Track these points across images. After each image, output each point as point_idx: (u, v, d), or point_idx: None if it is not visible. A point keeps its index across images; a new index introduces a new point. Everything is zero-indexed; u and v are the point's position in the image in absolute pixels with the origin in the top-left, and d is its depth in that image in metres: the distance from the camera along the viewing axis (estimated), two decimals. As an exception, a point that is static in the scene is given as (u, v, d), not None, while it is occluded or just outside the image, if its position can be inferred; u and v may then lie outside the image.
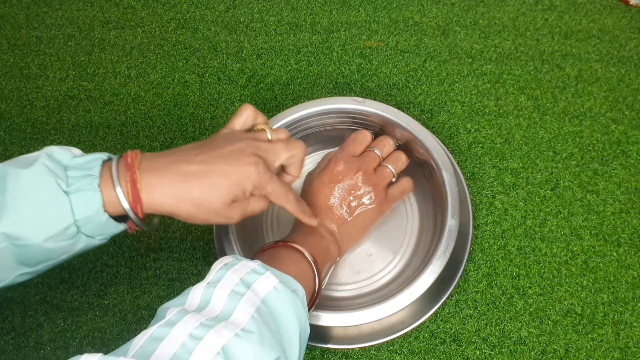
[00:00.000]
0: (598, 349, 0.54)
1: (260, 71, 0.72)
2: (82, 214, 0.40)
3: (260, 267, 0.40)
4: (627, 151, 0.63)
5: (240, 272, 0.39)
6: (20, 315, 0.60)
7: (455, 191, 0.54)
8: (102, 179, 0.41)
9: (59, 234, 0.40)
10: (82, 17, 0.78)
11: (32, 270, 0.42)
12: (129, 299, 0.60)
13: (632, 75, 0.68)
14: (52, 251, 0.41)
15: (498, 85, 0.68)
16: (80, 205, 0.40)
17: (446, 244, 0.52)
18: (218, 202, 0.43)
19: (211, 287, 0.38)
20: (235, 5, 0.78)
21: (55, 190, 0.39)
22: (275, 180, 0.45)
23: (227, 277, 0.38)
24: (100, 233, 0.42)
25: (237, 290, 0.37)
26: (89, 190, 0.40)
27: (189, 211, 0.42)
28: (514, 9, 0.74)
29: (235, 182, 0.43)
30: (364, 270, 0.58)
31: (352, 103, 0.58)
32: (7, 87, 0.74)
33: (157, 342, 0.32)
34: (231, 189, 0.43)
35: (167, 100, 0.71)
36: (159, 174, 0.42)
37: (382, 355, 0.55)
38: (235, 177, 0.43)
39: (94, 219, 0.40)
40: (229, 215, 0.44)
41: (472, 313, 0.56)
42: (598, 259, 0.58)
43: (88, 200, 0.40)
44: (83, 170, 0.41)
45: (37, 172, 0.39)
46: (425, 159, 0.57)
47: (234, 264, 0.40)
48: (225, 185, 0.42)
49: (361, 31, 0.74)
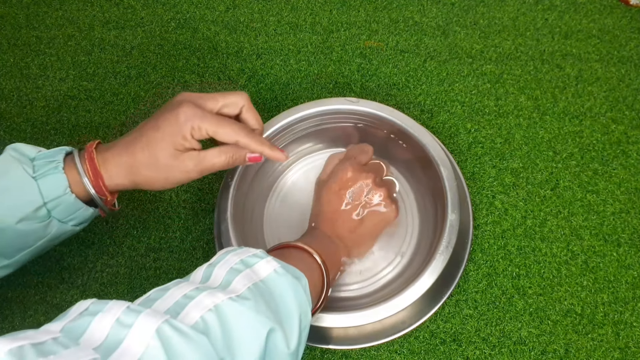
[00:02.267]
0: (598, 349, 0.54)
1: (260, 71, 0.72)
2: (50, 195, 0.43)
3: (262, 253, 0.41)
4: (627, 151, 0.63)
5: (242, 255, 0.39)
6: (20, 315, 0.60)
7: (454, 186, 0.54)
8: (66, 164, 0.44)
9: (30, 215, 0.42)
10: (82, 17, 0.78)
11: (11, 262, 0.44)
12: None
13: (632, 75, 0.68)
14: (26, 235, 0.43)
15: (498, 85, 0.68)
16: (47, 187, 0.43)
17: (448, 239, 0.52)
18: (162, 154, 0.44)
19: (212, 266, 0.38)
20: (235, 5, 0.77)
21: (22, 175, 0.42)
22: (209, 116, 0.45)
23: (228, 257, 0.39)
24: (71, 216, 0.45)
25: (236, 267, 0.38)
26: (54, 174, 0.43)
27: (145, 175, 0.45)
28: (514, 9, 0.74)
29: (169, 130, 0.44)
30: (366, 270, 0.58)
31: (346, 103, 0.58)
32: (7, 87, 0.74)
33: (151, 301, 0.33)
34: (167, 138, 0.44)
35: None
36: (111, 149, 0.46)
37: (382, 355, 0.55)
38: (166, 124, 0.44)
39: (62, 200, 0.43)
40: (183, 167, 0.45)
41: (472, 313, 0.56)
42: (598, 259, 0.58)
43: (54, 182, 0.43)
44: (48, 159, 0.44)
45: (3, 160, 0.43)
46: (422, 156, 0.57)
47: (236, 250, 0.41)
48: (160, 135, 0.44)
49: (361, 31, 0.74)
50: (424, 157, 0.56)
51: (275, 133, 0.58)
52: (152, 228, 0.63)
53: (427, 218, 0.60)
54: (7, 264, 0.44)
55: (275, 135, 0.58)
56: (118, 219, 0.64)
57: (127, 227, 0.63)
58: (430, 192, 0.60)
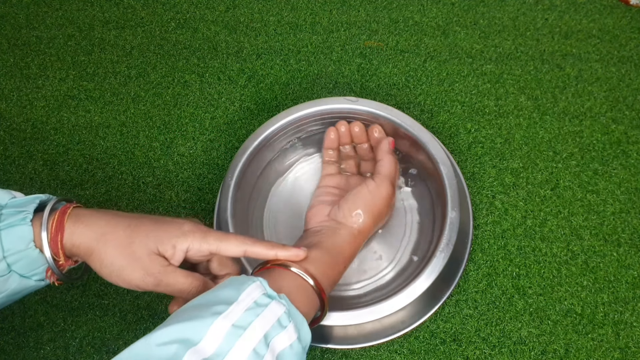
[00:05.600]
0: (598, 349, 0.54)
1: (260, 71, 0.72)
2: (12, 249, 0.39)
3: (286, 315, 0.38)
4: (627, 151, 0.63)
5: (267, 324, 0.36)
6: (20, 315, 0.60)
7: (453, 183, 0.54)
8: (36, 216, 0.41)
9: None
10: (82, 17, 0.78)
11: None
12: (129, 299, 0.60)
13: (632, 75, 0.68)
14: None
15: (498, 85, 0.68)
16: (10, 240, 0.39)
17: (449, 236, 0.51)
18: (140, 241, 0.41)
19: (235, 335, 0.35)
20: (235, 5, 0.78)
21: None
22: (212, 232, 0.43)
23: (254, 326, 0.36)
24: (34, 271, 0.41)
25: (258, 351, 0.35)
26: (20, 225, 0.40)
27: (108, 253, 0.41)
28: (514, 9, 0.74)
29: (166, 230, 0.42)
30: (370, 269, 0.58)
31: (345, 102, 0.58)
32: (7, 87, 0.74)
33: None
34: (159, 234, 0.42)
35: (167, 100, 0.71)
36: (93, 211, 0.42)
37: (382, 355, 0.55)
38: (167, 225, 0.42)
39: (25, 254, 0.40)
40: (148, 266, 0.41)
41: (472, 313, 0.56)
42: (598, 258, 0.58)
43: (18, 234, 0.40)
44: (18, 208, 0.41)
45: None
46: (422, 155, 0.56)
47: (262, 308, 0.37)
48: (152, 229, 0.42)
49: (361, 31, 0.74)
50: (423, 156, 0.56)
51: (274, 133, 0.58)
52: (152, 228, 0.63)
53: (427, 217, 0.60)
54: None
55: (275, 135, 0.58)
56: (118, 219, 0.64)
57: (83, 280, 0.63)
58: (430, 191, 0.60)
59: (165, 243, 0.42)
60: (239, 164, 0.56)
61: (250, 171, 0.58)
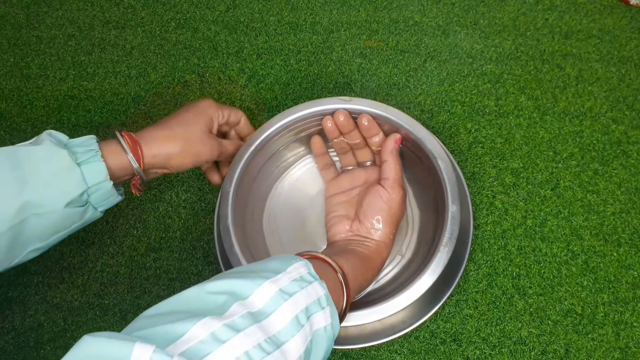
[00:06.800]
0: (598, 349, 0.54)
1: (260, 71, 0.72)
2: (92, 181, 0.46)
3: (325, 298, 0.40)
4: (627, 151, 0.63)
5: (309, 299, 0.39)
6: (20, 315, 0.60)
7: (452, 177, 0.53)
8: (103, 151, 0.48)
9: (76, 200, 0.45)
10: (82, 17, 0.78)
11: (44, 245, 0.46)
12: (129, 299, 0.60)
13: (633, 75, 0.68)
14: (68, 218, 0.46)
15: (498, 85, 0.68)
16: (90, 174, 0.46)
17: (451, 230, 0.51)
18: (196, 128, 0.53)
19: (281, 298, 0.37)
20: (236, 5, 0.77)
21: (68, 161, 0.45)
22: (223, 105, 0.57)
23: (298, 296, 0.38)
24: (103, 202, 0.48)
25: (299, 318, 0.37)
26: (95, 162, 0.46)
27: (180, 147, 0.51)
28: (514, 9, 0.74)
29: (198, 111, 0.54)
30: None
31: (339, 102, 0.57)
32: (7, 87, 0.74)
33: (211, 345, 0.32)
34: (198, 117, 0.53)
35: (167, 100, 0.71)
36: (147, 128, 0.52)
37: (382, 355, 0.55)
38: (194, 109, 0.54)
39: (101, 186, 0.47)
40: (211, 143, 0.53)
41: (472, 313, 0.56)
42: (598, 259, 0.58)
43: (96, 169, 0.46)
44: (85, 147, 0.47)
45: (48, 147, 0.45)
46: (419, 152, 0.56)
47: (307, 284, 0.39)
48: (191, 116, 0.53)
49: (361, 31, 0.74)
50: (421, 153, 0.56)
51: (269, 138, 0.57)
52: (152, 228, 0.63)
53: (427, 215, 0.60)
54: (39, 246, 0.46)
55: (272, 139, 0.58)
56: (118, 218, 0.64)
57: (127, 227, 0.63)
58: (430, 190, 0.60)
59: (207, 121, 0.54)
60: (236, 172, 0.56)
61: (249, 172, 0.58)
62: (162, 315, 0.34)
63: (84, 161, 0.46)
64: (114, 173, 0.48)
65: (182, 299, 0.35)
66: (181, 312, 0.34)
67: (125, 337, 0.29)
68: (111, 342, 0.28)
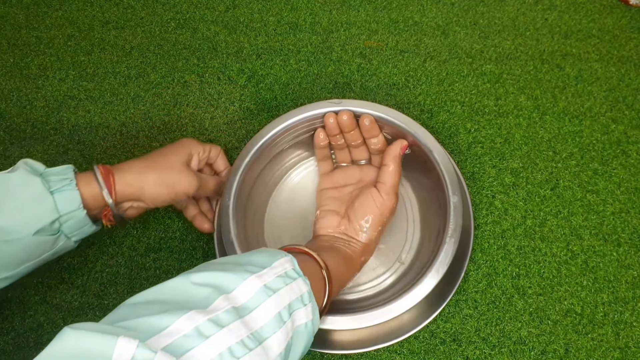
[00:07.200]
0: (598, 349, 0.54)
1: (260, 71, 0.72)
2: (65, 209, 0.46)
3: (308, 295, 0.41)
4: (627, 151, 0.63)
5: (292, 295, 0.39)
6: (20, 315, 0.60)
7: (450, 169, 0.53)
8: (78, 180, 0.48)
9: (46, 228, 0.45)
10: (82, 17, 0.78)
11: (11, 274, 0.46)
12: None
13: (632, 75, 0.68)
14: (37, 247, 0.46)
15: (498, 85, 0.68)
16: (63, 202, 0.46)
17: (455, 221, 0.51)
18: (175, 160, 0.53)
19: (265, 294, 0.37)
20: (235, 5, 0.78)
21: (41, 189, 0.45)
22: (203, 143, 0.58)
23: (282, 292, 0.39)
24: (76, 232, 0.48)
25: (282, 315, 0.38)
26: (69, 190, 0.46)
27: (154, 180, 0.51)
28: (513, 9, 0.74)
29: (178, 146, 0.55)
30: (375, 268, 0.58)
31: (328, 106, 0.57)
32: (7, 87, 0.74)
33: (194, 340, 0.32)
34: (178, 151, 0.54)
35: (167, 100, 0.71)
36: (125, 162, 0.52)
37: (381, 355, 0.55)
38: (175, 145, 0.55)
39: (74, 214, 0.47)
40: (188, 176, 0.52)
41: (472, 313, 0.56)
42: (598, 258, 0.58)
43: (69, 197, 0.46)
44: (60, 175, 0.47)
45: (22, 175, 0.45)
46: (415, 146, 0.56)
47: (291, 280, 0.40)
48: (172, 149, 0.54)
49: (361, 31, 0.74)
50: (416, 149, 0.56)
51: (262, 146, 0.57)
52: (152, 228, 0.63)
53: (428, 215, 0.60)
54: (7, 276, 0.46)
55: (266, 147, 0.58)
56: (118, 219, 0.64)
57: (127, 227, 0.63)
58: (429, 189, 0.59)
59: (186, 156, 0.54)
60: (233, 184, 0.55)
61: (244, 188, 0.57)
62: (146, 304, 0.34)
63: (58, 189, 0.46)
64: (87, 203, 0.48)
65: (166, 288, 0.35)
66: (165, 302, 0.34)
67: (108, 330, 0.29)
68: (93, 336, 0.28)
